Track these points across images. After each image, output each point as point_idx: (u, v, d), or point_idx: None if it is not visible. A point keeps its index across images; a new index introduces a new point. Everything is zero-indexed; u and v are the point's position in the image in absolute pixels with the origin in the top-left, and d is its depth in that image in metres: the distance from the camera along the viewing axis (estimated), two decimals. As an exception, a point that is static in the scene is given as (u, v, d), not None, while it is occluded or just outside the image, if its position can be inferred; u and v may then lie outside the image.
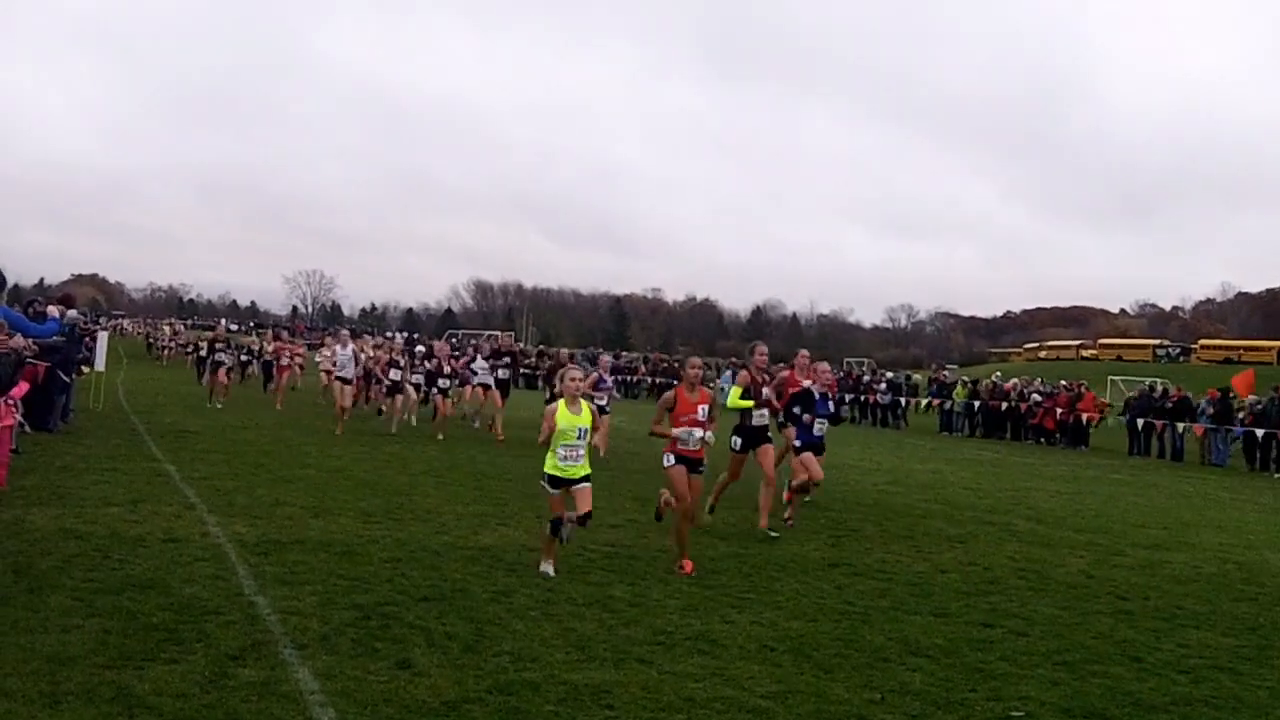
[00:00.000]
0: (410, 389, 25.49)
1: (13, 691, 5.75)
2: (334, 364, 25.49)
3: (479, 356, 26.63)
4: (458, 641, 7.44)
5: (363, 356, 26.74)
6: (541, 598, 8.94)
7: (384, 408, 26.50)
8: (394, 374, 25.35)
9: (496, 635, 7.68)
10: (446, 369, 25.47)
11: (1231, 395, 33.70)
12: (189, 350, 59.57)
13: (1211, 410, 33.48)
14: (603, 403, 20.92)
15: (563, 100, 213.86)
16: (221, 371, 30.68)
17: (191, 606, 7.83)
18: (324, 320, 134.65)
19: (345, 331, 27.52)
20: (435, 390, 25.16)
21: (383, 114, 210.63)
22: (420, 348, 27.87)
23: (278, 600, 8.21)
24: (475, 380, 26.13)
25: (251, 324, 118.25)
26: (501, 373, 25.85)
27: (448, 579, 9.40)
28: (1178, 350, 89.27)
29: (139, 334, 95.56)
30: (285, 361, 32.03)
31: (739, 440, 13.33)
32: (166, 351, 65.26)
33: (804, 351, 15.93)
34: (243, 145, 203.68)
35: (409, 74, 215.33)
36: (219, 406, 28.53)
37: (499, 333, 25.21)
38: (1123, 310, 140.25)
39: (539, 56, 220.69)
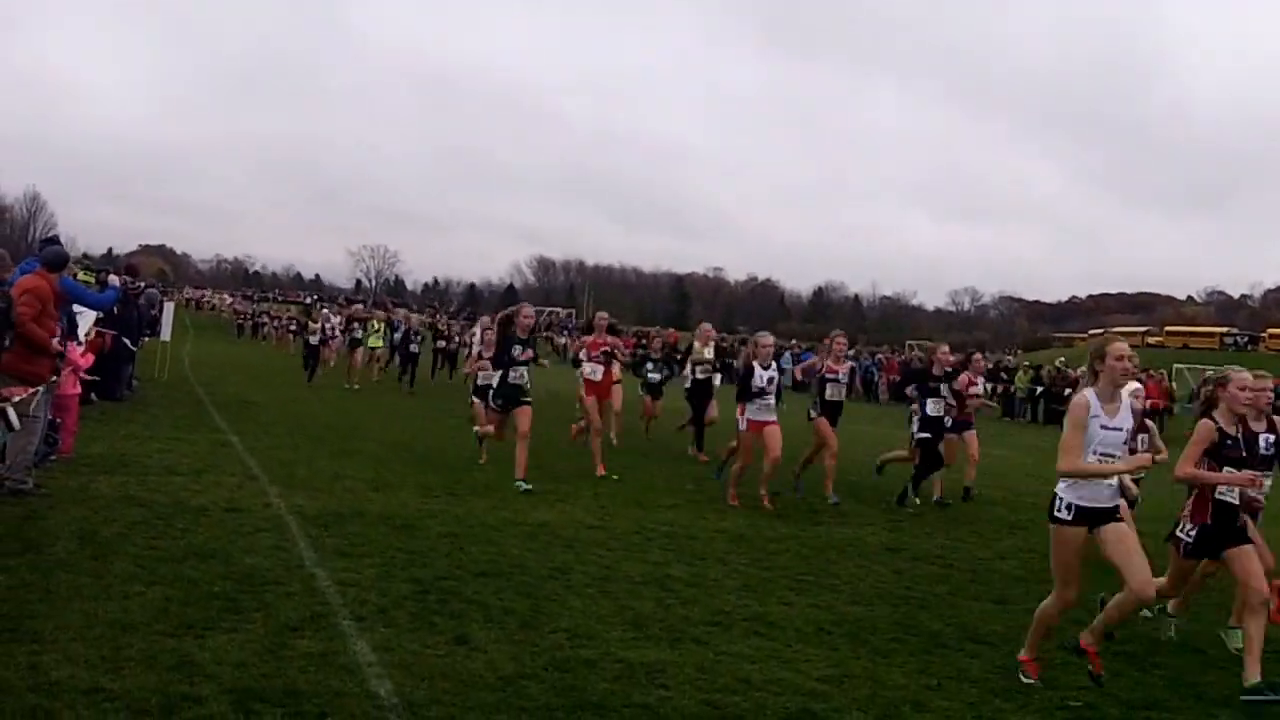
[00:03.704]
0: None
1: (76, 656, 5.83)
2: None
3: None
4: (515, 617, 7.46)
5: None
6: (599, 575, 8.94)
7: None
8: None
9: (554, 612, 7.69)
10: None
11: None
12: (293, 329, 55.85)
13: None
14: None
15: (622, 77, 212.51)
16: (484, 413, 16.15)
17: (252, 576, 7.91)
18: (388, 294, 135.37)
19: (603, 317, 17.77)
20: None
21: (440, 91, 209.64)
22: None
23: (337, 572, 8.27)
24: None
25: (315, 297, 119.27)
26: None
27: (506, 555, 9.43)
28: (1246, 339, 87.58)
29: (225, 310, 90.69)
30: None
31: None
32: (276, 332, 61.27)
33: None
34: (301, 121, 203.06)
35: (466, 50, 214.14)
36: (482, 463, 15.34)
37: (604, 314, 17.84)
38: (1190, 297, 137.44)
39: (597, 32, 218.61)
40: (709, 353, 18.65)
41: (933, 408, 14.18)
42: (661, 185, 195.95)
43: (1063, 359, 52.37)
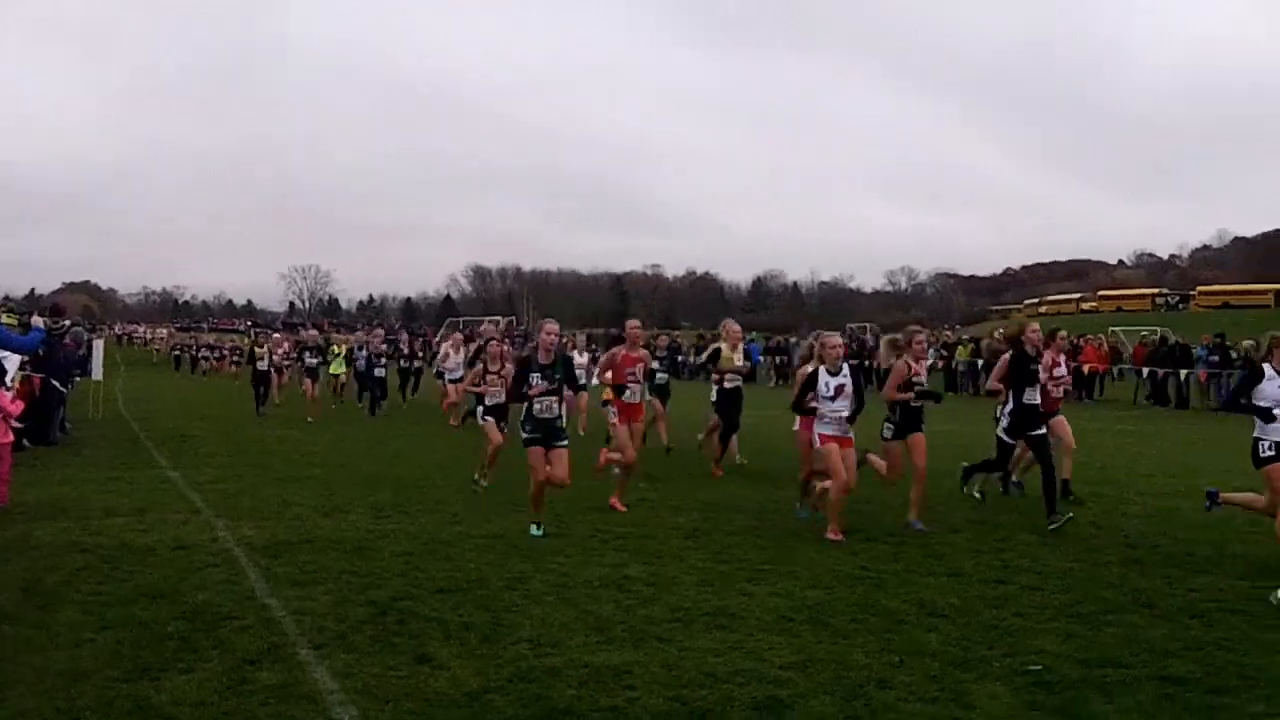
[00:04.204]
0: None
1: (28, 711, 5.72)
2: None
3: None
4: (476, 631, 7.41)
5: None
6: (557, 582, 8.91)
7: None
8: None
9: (514, 622, 7.65)
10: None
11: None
12: (237, 360, 52.11)
13: (1213, 357, 33.55)
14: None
15: (558, 75, 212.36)
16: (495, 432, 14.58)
17: (204, 613, 7.80)
18: (322, 315, 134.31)
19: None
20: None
21: (368, 98, 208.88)
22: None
23: (291, 601, 8.18)
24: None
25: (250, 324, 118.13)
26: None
27: (462, 569, 9.37)
28: (1177, 298, 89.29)
29: (160, 345, 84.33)
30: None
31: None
32: (219, 364, 57.52)
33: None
34: (226, 137, 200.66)
35: (394, 54, 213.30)
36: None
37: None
38: (1121, 261, 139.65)
39: (529, 29, 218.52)
40: (739, 358, 16.88)
41: (1029, 395, 12.09)
42: (598, 184, 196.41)
43: (999, 330, 52.91)
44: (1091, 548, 10.60)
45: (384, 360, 29.07)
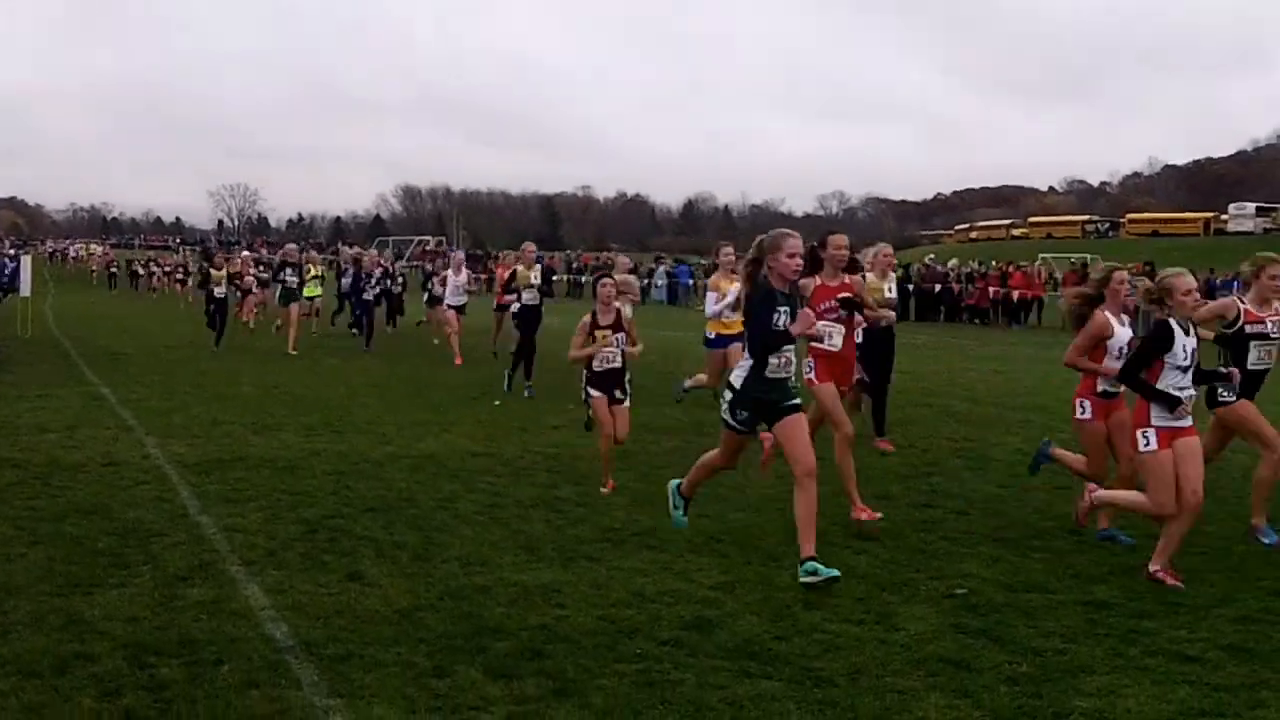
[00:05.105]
0: None
1: (-41, 625, 5.71)
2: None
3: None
4: (407, 550, 7.47)
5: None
6: (488, 502, 8.98)
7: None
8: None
9: (445, 542, 7.71)
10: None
11: None
12: (180, 278, 49.58)
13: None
14: None
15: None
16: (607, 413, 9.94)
17: (136, 529, 7.81)
18: (251, 233, 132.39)
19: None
20: None
21: (287, 20, 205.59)
22: None
23: (222, 519, 8.20)
24: None
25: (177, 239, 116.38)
26: None
27: (393, 489, 9.41)
28: (1106, 225, 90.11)
29: (92, 263, 77.42)
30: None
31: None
32: (154, 279, 55.26)
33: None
34: (148, 59, 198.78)
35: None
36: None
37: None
38: (1051, 188, 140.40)
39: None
40: (889, 288, 12.54)
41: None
42: (526, 105, 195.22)
43: (931, 255, 53.31)
44: (1019, 474, 10.69)
45: (375, 281, 25.24)
